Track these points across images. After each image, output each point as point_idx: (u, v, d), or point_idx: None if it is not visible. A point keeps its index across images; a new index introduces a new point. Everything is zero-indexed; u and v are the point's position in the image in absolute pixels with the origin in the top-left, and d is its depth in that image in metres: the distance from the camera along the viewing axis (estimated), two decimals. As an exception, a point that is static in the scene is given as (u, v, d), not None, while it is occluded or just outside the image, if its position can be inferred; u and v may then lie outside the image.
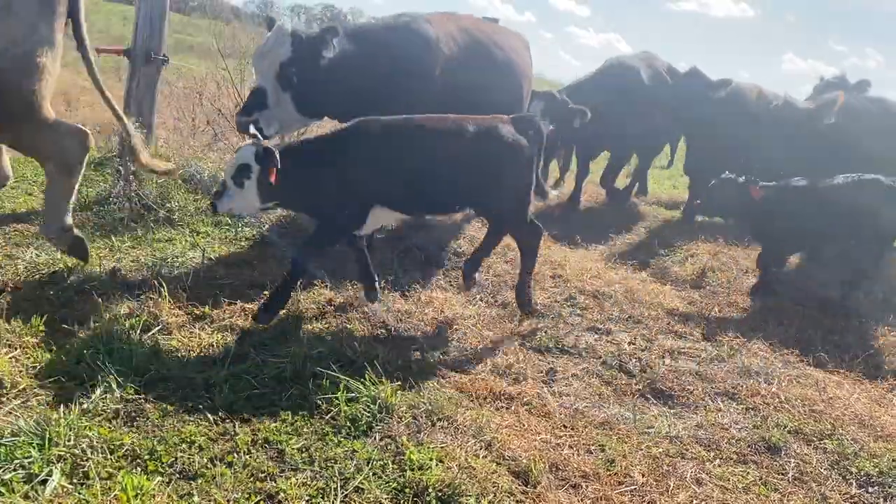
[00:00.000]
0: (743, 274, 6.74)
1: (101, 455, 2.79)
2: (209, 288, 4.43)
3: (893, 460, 3.72)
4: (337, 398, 3.38)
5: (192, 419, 3.13)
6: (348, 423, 3.24)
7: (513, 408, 3.80)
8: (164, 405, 3.17)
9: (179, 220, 5.56)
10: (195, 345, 3.76)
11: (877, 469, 3.63)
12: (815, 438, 3.90)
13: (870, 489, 3.51)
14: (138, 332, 3.71)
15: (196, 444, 2.96)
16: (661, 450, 3.58)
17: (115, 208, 5.48)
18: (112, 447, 2.85)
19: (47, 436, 2.78)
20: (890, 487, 3.51)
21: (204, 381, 3.42)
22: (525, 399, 3.90)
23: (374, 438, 3.18)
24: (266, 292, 4.39)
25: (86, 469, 2.71)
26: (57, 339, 3.56)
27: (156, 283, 4.16)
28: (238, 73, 6.86)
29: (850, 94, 8.22)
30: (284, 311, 4.16)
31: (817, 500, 3.36)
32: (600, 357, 4.61)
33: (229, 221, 5.63)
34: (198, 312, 4.10)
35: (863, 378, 4.99)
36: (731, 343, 5.04)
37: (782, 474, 3.55)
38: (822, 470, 3.62)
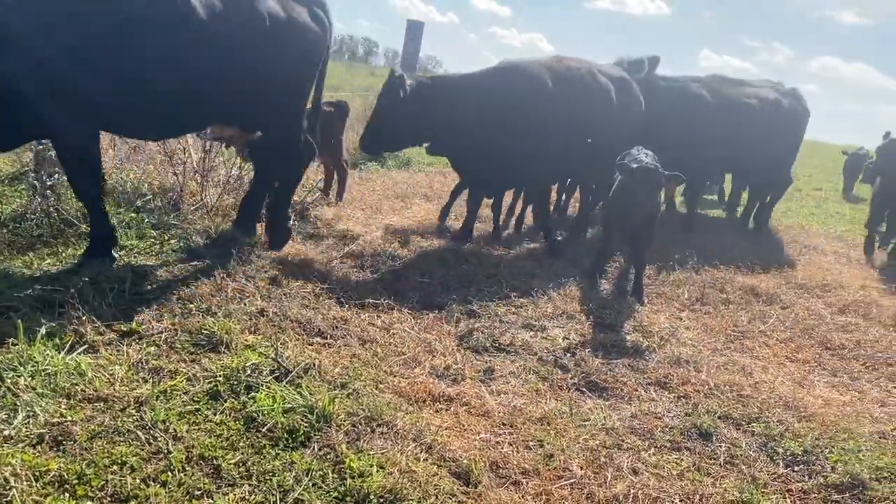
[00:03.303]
0: (670, 265, 6.94)
1: (25, 483, 2.67)
2: (136, 303, 4.29)
3: (816, 439, 3.89)
4: (273, 410, 3.32)
5: (122, 439, 3.02)
6: (286, 435, 3.19)
7: (452, 409, 3.81)
8: (92, 426, 3.05)
9: (102, 234, 5.36)
10: (123, 362, 3.63)
11: (801, 448, 3.79)
12: (743, 422, 4.05)
13: (796, 468, 3.66)
14: (62, 352, 3.57)
15: (128, 465, 2.86)
16: (597, 442, 3.65)
17: (33, 225, 5.27)
18: (37, 474, 2.73)
19: (-34, 466, 2.65)
20: (814, 465, 3.66)
21: (134, 399, 3.31)
22: (464, 399, 3.91)
23: (313, 448, 3.14)
24: (193, 305, 4.29)
25: (9, 498, 2.58)
26: (-27, 364, 3.39)
27: (78, 300, 4.01)
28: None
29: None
30: (215, 323, 4.06)
31: (747, 481, 3.48)
32: (536, 354, 4.67)
33: (154, 234, 5.47)
34: (124, 329, 3.96)
35: (786, 361, 5.20)
36: (660, 334, 5.18)
37: (714, 459, 3.67)
38: (751, 452, 3.75)
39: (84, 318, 3.89)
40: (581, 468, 3.38)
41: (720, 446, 3.77)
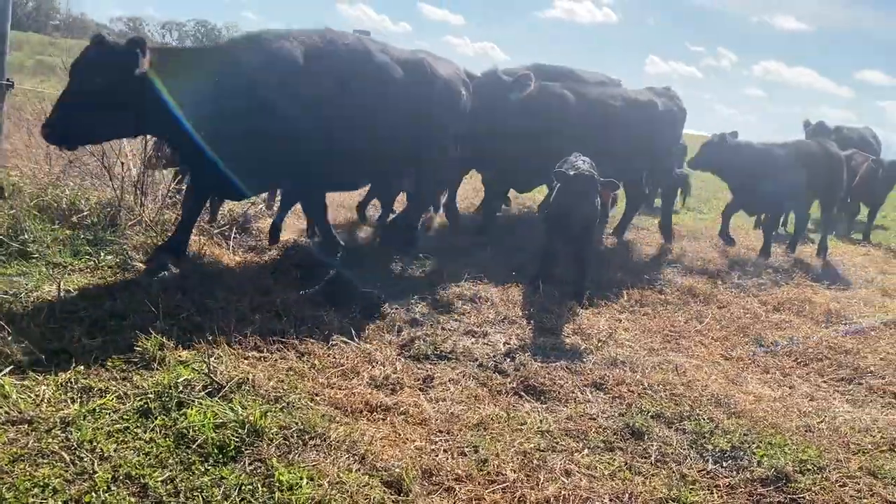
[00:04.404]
0: (608, 269, 7.07)
1: (-59, 510, 2.61)
2: (67, 322, 4.20)
3: (744, 435, 4.00)
4: (204, 425, 3.30)
5: (46, 461, 2.96)
6: (216, 450, 3.16)
7: (389, 418, 3.82)
8: (15, 449, 2.99)
9: (35, 252, 5.25)
10: (51, 382, 3.56)
11: (730, 444, 3.89)
12: (675, 420, 4.14)
13: (724, 463, 3.75)
14: (-15, 374, 3.49)
15: (50, 487, 2.81)
16: (532, 445, 3.70)
17: (-42, 244, 5.13)
18: (-46, 500, 2.67)
19: None
20: (741, 460, 3.76)
21: (60, 420, 3.25)
22: (402, 408, 3.93)
23: (244, 463, 3.12)
24: (126, 322, 4.23)
25: (-76, 527, 2.53)
26: None
27: (4, 320, 3.93)
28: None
29: None
30: (148, 339, 4.00)
31: (676, 478, 3.56)
32: (477, 360, 4.71)
33: (90, 250, 5.38)
34: (54, 348, 3.89)
35: (721, 359, 5.34)
36: (599, 336, 5.27)
37: (646, 457, 3.75)
38: (681, 450, 3.84)
39: (10, 338, 3.81)
40: (514, 472, 3.42)
41: (652, 445, 3.85)
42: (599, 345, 5.11)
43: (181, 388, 3.58)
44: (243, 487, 2.95)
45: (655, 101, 8.67)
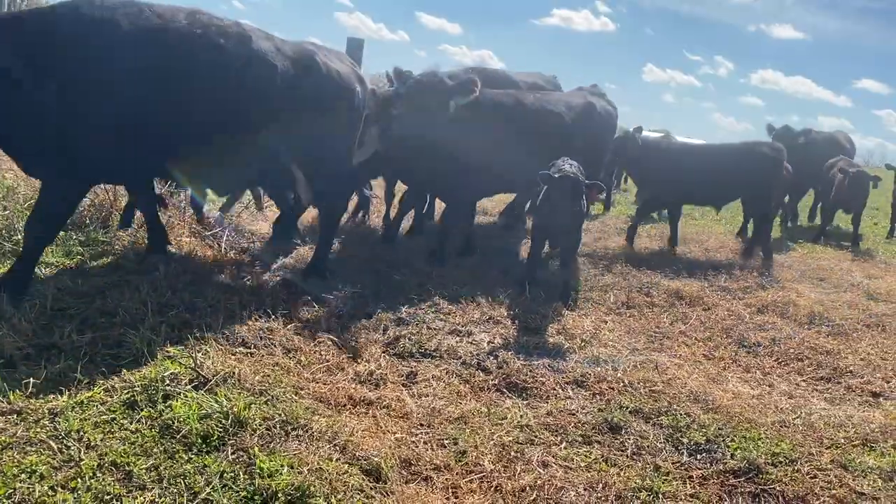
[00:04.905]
0: (594, 270, 7.16)
1: (-70, 494, 2.70)
2: (57, 318, 4.29)
3: (719, 429, 4.08)
4: (189, 417, 3.38)
5: (33, 449, 3.06)
6: (199, 440, 3.25)
7: (371, 412, 3.91)
8: (3, 438, 3.08)
9: (28, 251, 5.34)
10: (41, 376, 3.65)
11: (705, 438, 3.98)
12: (653, 416, 4.22)
13: (698, 456, 3.84)
14: (-24, 368, 3.57)
15: (37, 474, 2.90)
16: (511, 438, 3.79)
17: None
18: (-57, 486, 2.75)
19: None
20: (715, 453, 3.85)
21: (49, 411, 3.34)
22: (384, 402, 4.02)
23: (226, 452, 3.21)
24: (116, 318, 4.32)
25: (-87, 510, 2.61)
26: None
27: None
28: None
29: None
30: (136, 335, 4.09)
31: (651, 470, 3.65)
32: (460, 357, 4.79)
33: (81, 251, 5.47)
34: (44, 343, 3.98)
35: (703, 359, 5.43)
36: (583, 336, 5.36)
37: (622, 451, 3.83)
38: (657, 443, 3.92)
39: (2, 333, 3.89)
40: (492, 463, 3.52)
41: (629, 439, 3.94)
42: (583, 344, 5.20)
43: (168, 381, 3.67)
44: (225, 474, 3.04)
45: (593, 102, 8.16)
